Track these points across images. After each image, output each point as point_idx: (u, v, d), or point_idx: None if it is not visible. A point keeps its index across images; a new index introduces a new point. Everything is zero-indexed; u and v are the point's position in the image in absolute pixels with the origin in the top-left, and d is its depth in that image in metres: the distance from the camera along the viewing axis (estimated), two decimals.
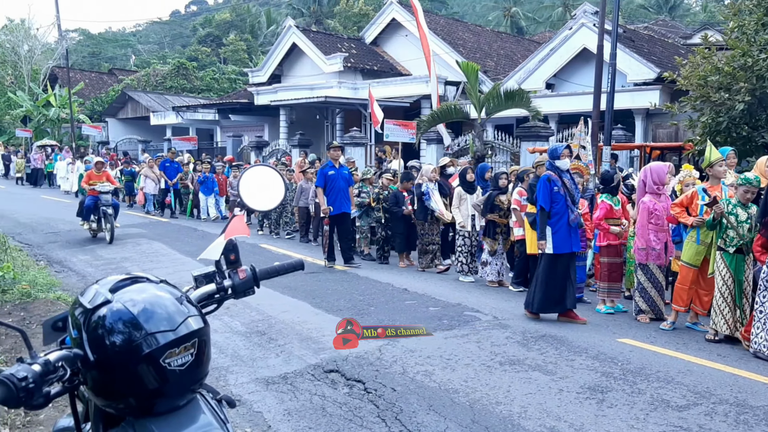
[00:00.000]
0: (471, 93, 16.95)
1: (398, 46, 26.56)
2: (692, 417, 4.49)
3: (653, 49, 21.05)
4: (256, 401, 4.96)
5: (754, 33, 10.82)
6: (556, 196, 7.22)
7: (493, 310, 7.77)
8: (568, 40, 20.40)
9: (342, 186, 10.90)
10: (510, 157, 18.41)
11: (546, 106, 18.27)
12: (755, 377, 5.37)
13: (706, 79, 11.30)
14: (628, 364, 5.68)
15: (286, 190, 2.42)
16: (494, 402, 4.82)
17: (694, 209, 6.96)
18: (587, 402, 4.79)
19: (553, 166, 7.41)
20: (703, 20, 37.78)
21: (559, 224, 7.20)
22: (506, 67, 25.14)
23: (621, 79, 18.31)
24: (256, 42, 53.56)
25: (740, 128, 10.80)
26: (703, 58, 11.78)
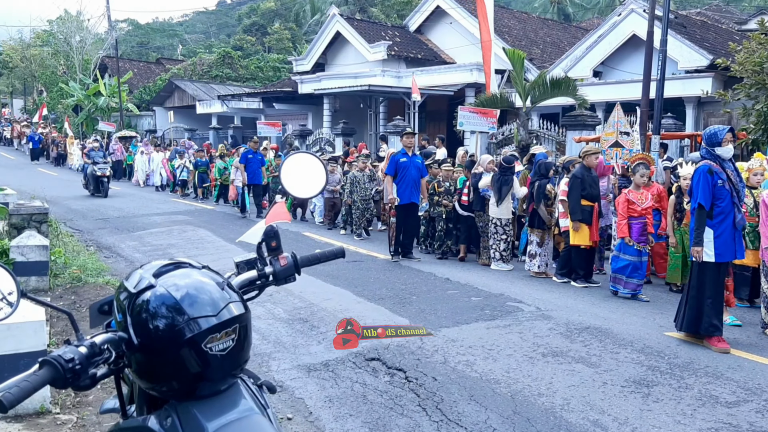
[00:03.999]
0: (516, 81, 16.74)
1: (442, 34, 26.34)
2: (742, 414, 4.37)
3: (706, 35, 20.44)
4: (298, 387, 5.00)
5: None
6: (720, 191, 5.86)
7: (536, 301, 7.68)
8: (616, 27, 19.95)
9: (414, 175, 10.32)
10: (555, 146, 18.13)
11: (593, 95, 17.92)
12: None
13: (762, 65, 10.98)
14: (675, 359, 5.56)
15: (327, 177, 2.41)
16: (536, 393, 4.77)
17: None
18: (632, 396, 4.70)
19: (712, 154, 5.97)
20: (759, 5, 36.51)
21: (723, 226, 5.87)
22: (552, 55, 24.72)
23: (671, 66, 17.84)
24: (300, 31, 53.76)
25: None
26: (759, 44, 11.44)
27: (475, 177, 10.43)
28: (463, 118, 14.12)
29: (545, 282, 8.97)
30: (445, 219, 10.76)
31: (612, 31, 20.07)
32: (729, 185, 5.88)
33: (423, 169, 10.54)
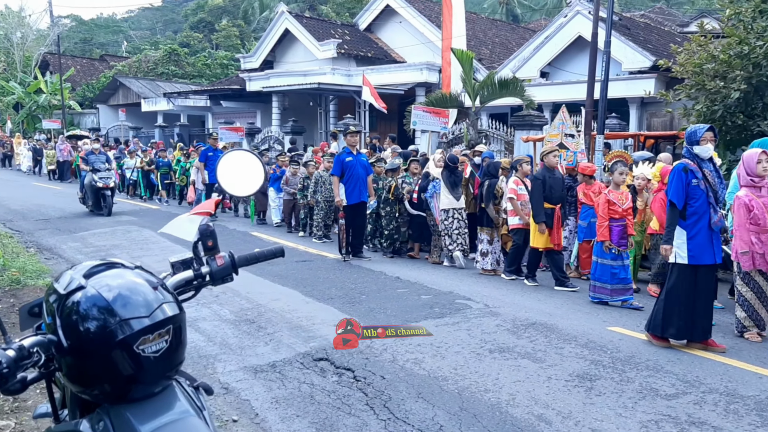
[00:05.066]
0: (465, 81, 16.89)
1: (392, 33, 26.42)
2: (681, 406, 4.49)
3: (649, 37, 20.98)
4: (244, 389, 4.94)
5: (752, 20, 10.73)
6: (695, 191, 5.75)
7: (484, 299, 7.75)
8: (563, 28, 20.32)
9: (361, 174, 10.24)
10: (504, 146, 18.36)
11: (540, 95, 18.23)
12: (745, 366, 5.37)
13: (701, 67, 11.24)
14: (617, 353, 5.68)
15: (265, 175, 2.38)
16: (483, 389, 4.81)
17: None
18: (576, 390, 4.78)
19: (691, 153, 5.87)
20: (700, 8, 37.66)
21: (697, 227, 5.73)
22: (501, 55, 25.05)
23: (616, 67, 18.27)
24: (248, 28, 53.21)
25: (735, 117, 10.73)
26: (699, 46, 11.71)
27: (424, 177, 10.50)
28: (416, 118, 14.15)
29: (494, 279, 9.07)
30: (397, 217, 10.78)
31: (558, 33, 20.44)
32: (705, 185, 5.74)
33: (368, 167, 10.53)
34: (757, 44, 10.22)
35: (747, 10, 10.85)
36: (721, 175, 6.00)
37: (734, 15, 11.18)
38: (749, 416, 4.31)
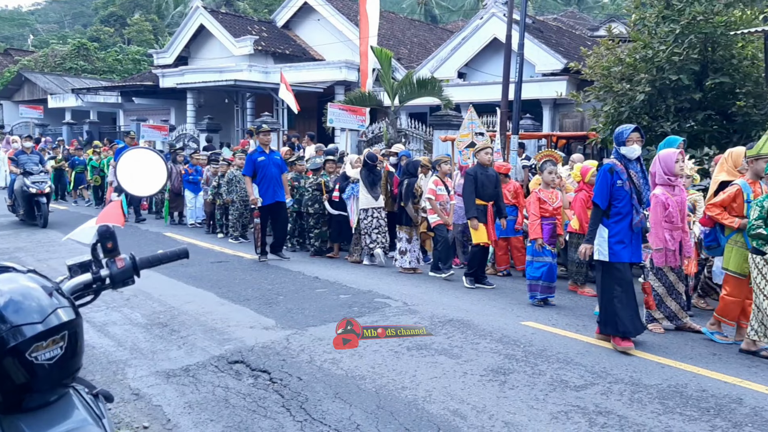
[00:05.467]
0: (384, 80, 16.98)
1: (311, 31, 26.27)
2: (589, 396, 4.64)
3: (561, 40, 21.66)
4: (156, 395, 4.78)
5: (655, 26, 11.23)
6: (619, 192, 5.80)
7: (403, 296, 7.80)
8: (479, 30, 20.72)
9: (274, 173, 10.06)
10: (423, 145, 18.57)
11: (458, 95, 18.54)
12: (649, 357, 5.60)
13: (609, 69, 11.67)
14: (530, 346, 5.82)
15: (168, 174, 2.30)
16: (400, 387, 4.83)
17: (737, 209, 6.04)
18: (490, 384, 4.87)
19: (618, 154, 5.93)
20: (609, 13, 39.16)
21: (619, 226, 5.80)
22: (420, 55, 25.31)
23: (530, 69, 18.76)
24: (162, 23, 51.69)
25: (641, 118, 11.19)
26: (607, 50, 12.17)
27: (342, 178, 10.48)
28: (332, 116, 14.10)
29: (413, 278, 9.14)
30: (316, 216, 10.71)
31: (475, 34, 20.83)
32: (630, 186, 5.79)
33: (283, 166, 10.38)
34: (660, 48, 10.71)
35: (651, 16, 11.35)
36: (647, 176, 6.06)
37: (639, 20, 11.68)
38: (652, 404, 4.50)
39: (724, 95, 10.70)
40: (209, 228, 13.16)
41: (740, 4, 10.93)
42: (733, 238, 6.00)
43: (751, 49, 10.65)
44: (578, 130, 16.74)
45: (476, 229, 8.36)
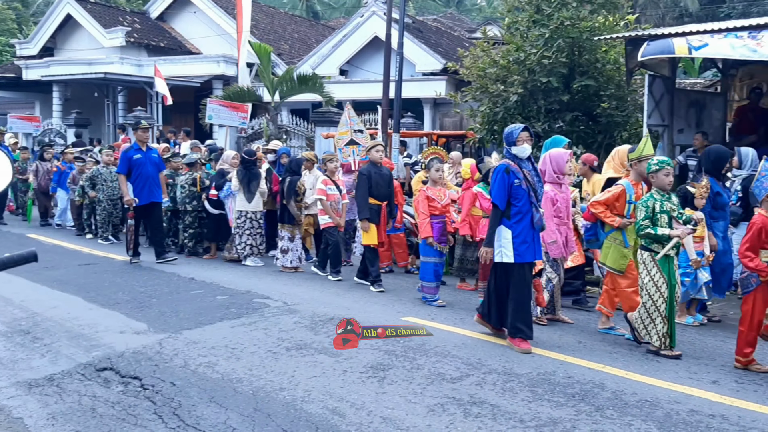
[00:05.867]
0: (264, 76, 16.72)
1: (187, 23, 25.41)
2: (464, 387, 4.75)
3: (440, 41, 22.15)
4: (16, 406, 4.45)
5: (527, 29, 11.68)
6: (518, 191, 5.75)
7: (283, 296, 7.69)
8: (360, 28, 20.83)
9: (151, 172, 9.60)
10: (305, 142, 18.44)
11: (340, 92, 18.52)
12: None
13: (485, 71, 12.03)
14: (409, 342, 5.89)
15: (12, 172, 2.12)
16: (278, 388, 4.75)
17: (619, 208, 6.23)
18: (369, 381, 4.88)
19: (510, 154, 5.89)
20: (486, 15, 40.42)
21: (521, 226, 5.75)
22: (301, 51, 25.11)
23: (411, 68, 19.08)
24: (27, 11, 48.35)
25: (515, 118, 11.58)
26: (483, 51, 12.54)
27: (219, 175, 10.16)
28: (212, 112, 13.63)
29: (294, 277, 9.04)
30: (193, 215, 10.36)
31: (356, 32, 20.92)
32: (526, 185, 5.77)
33: (160, 164, 9.99)
34: (532, 51, 11.16)
35: (522, 20, 11.81)
36: (540, 175, 6.08)
37: (512, 24, 12.13)
38: (523, 392, 4.67)
39: (590, 97, 11.30)
40: (78, 229, 12.42)
41: (604, 11, 11.59)
42: (612, 235, 6.23)
43: (613, 54, 11.32)
44: (457, 129, 17.17)
45: (367, 230, 8.18)
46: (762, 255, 5.11)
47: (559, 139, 7.13)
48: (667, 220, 5.57)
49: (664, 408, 4.39)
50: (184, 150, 13.47)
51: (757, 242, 5.11)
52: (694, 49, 8.28)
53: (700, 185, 6.55)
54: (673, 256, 5.59)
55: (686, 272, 6.51)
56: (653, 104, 9.67)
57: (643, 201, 5.67)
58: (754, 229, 5.14)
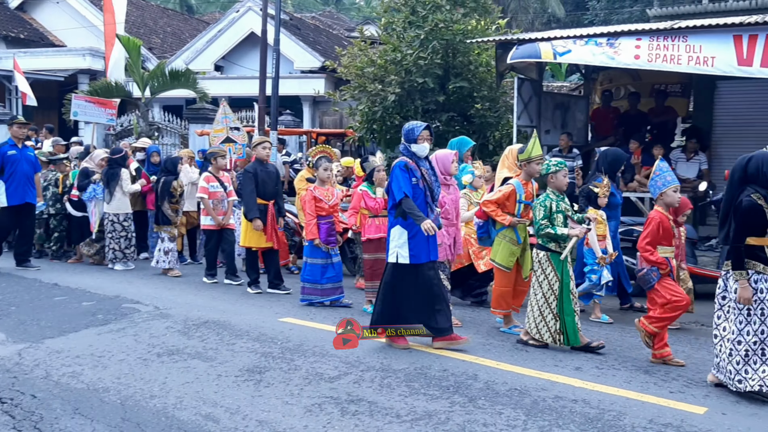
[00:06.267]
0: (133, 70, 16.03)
1: (49, 14, 23.87)
2: (342, 386, 4.76)
3: (318, 39, 22.10)
4: None
5: (403, 30, 11.88)
6: (414, 190, 5.65)
7: (154, 300, 7.41)
8: (235, 23, 20.42)
9: (27, 171, 8.97)
10: (179, 139, 17.84)
11: (215, 89, 18.08)
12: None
13: (362, 70, 12.13)
14: (287, 342, 5.83)
15: None
16: (148, 396, 4.55)
17: (510, 207, 6.29)
18: (245, 384, 4.78)
19: (409, 151, 5.78)
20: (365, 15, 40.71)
21: (417, 226, 5.57)
22: (174, 46, 24.26)
23: (289, 65, 18.93)
24: None
25: (393, 117, 11.77)
26: (360, 51, 12.64)
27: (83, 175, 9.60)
28: (77, 108, 12.84)
29: (166, 280, 8.73)
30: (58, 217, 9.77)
31: (231, 27, 20.49)
32: (423, 184, 5.68)
33: (36, 164, 9.35)
34: (408, 52, 11.36)
35: (399, 21, 12.00)
36: (437, 174, 6.00)
37: (389, 24, 12.30)
38: (400, 388, 4.73)
39: (464, 98, 11.66)
40: None
41: (476, 15, 11.99)
42: (503, 233, 6.31)
43: (485, 57, 11.73)
44: (338, 127, 17.19)
45: (259, 229, 7.86)
46: (659, 251, 5.38)
47: (466, 140, 7.22)
48: (562, 219, 5.74)
49: (532, 395, 4.59)
50: (46, 148, 12.64)
51: (657, 237, 5.37)
52: (559, 55, 8.72)
53: (602, 185, 6.81)
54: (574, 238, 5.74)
55: (593, 269, 6.75)
56: (522, 106, 10.09)
57: (541, 201, 5.79)
58: (653, 224, 5.38)
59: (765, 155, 4.60)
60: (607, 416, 4.21)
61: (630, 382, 4.91)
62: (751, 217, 4.45)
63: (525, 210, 6.29)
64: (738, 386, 4.51)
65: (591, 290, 6.87)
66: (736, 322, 4.53)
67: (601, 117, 11.82)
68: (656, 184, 5.48)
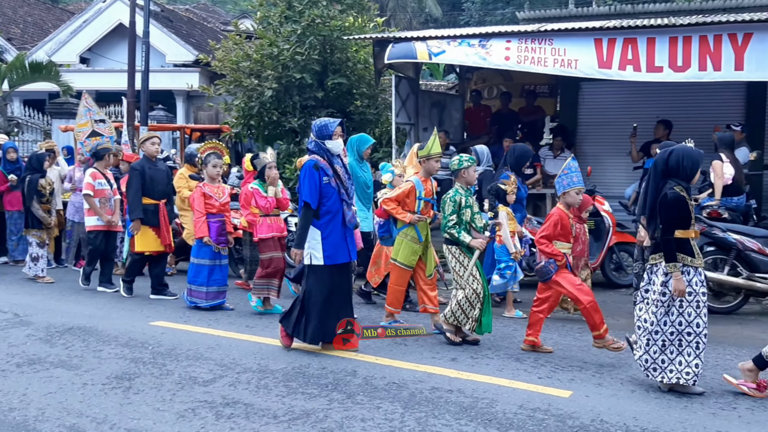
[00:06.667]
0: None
1: None
2: (217, 390, 4.61)
3: (192, 32, 21.41)
4: None
5: (279, 25, 11.70)
6: (327, 189, 5.43)
7: (14, 307, 6.92)
8: (102, 13, 19.44)
9: None
10: (42, 135, 16.74)
11: (81, 82, 17.07)
12: (275, 342, 5.78)
13: (238, 64, 11.87)
14: (159, 347, 5.59)
15: None
16: (7, 409, 4.22)
17: (410, 205, 6.20)
18: (113, 392, 4.53)
19: (321, 148, 5.54)
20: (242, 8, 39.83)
21: (331, 226, 5.42)
22: (35, 37, 22.73)
23: (161, 58, 18.22)
24: None
25: (270, 113, 11.61)
26: (235, 44, 12.36)
27: None
28: None
29: (27, 285, 8.20)
30: None
31: (98, 17, 19.49)
32: (336, 182, 5.47)
33: None
34: (285, 47, 11.21)
35: (275, 15, 11.82)
36: (349, 171, 5.78)
37: (264, 18, 12.09)
38: (277, 388, 4.65)
39: (343, 95, 11.67)
40: None
41: (353, 12, 12.02)
42: (404, 231, 6.20)
43: (363, 54, 11.79)
44: (213, 123, 16.75)
45: (137, 232, 7.48)
46: (557, 246, 5.49)
47: (366, 138, 7.21)
48: (470, 214, 5.75)
49: (410, 388, 4.65)
50: None
51: (553, 233, 5.49)
52: (434, 55, 8.90)
53: (510, 182, 6.91)
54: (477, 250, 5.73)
55: (508, 265, 6.84)
56: (400, 104, 10.23)
57: (452, 197, 5.75)
58: (552, 220, 5.52)
59: (685, 149, 4.69)
60: (480, 404, 4.33)
61: (502, 370, 5.08)
62: (678, 210, 4.53)
63: (425, 207, 6.27)
64: (653, 374, 4.62)
65: (505, 287, 6.96)
66: (657, 314, 4.62)
67: (474, 116, 12.21)
68: (562, 182, 5.58)
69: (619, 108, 10.58)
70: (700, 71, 7.69)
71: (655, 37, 7.83)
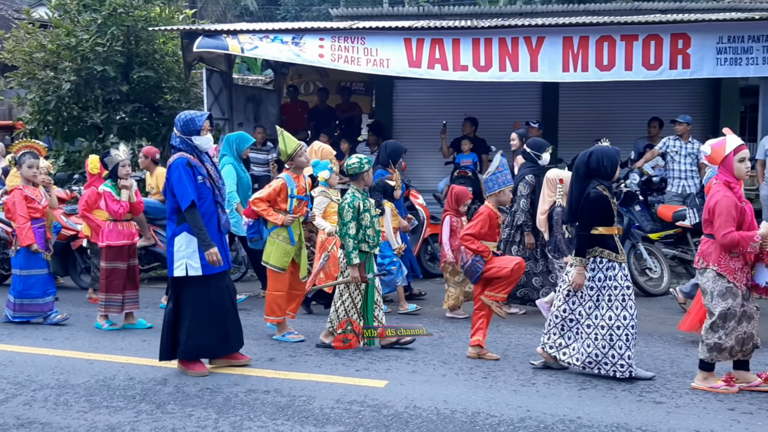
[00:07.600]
0: None
1: None
2: (9, 410, 4.18)
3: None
4: None
5: (78, 13, 10.91)
6: (202, 189, 4.88)
7: None
8: None
9: None
10: None
11: None
12: (77, 355, 5.37)
13: (31, 55, 10.96)
14: None
15: None
16: None
17: (281, 203, 5.78)
18: None
19: (189, 145, 4.95)
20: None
21: (207, 230, 4.87)
22: None
23: None
24: None
25: (70, 108, 10.86)
26: (28, 34, 11.38)
27: None
28: None
29: None
30: None
31: None
32: (210, 182, 4.95)
33: None
34: (84, 37, 10.46)
35: (72, 3, 10.99)
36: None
37: (60, 5, 11.21)
38: (79, 404, 4.30)
39: (151, 89, 11.11)
40: None
41: (159, 2, 11.47)
42: (276, 232, 5.81)
43: (172, 46, 11.29)
44: (6, 118, 15.24)
45: None
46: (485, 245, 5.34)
47: (245, 137, 6.93)
48: (369, 218, 5.42)
49: (224, 392, 4.50)
50: None
51: (481, 231, 5.32)
52: (247, 50, 8.71)
53: (395, 177, 6.86)
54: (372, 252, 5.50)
55: (393, 261, 6.72)
56: (213, 98, 9.92)
57: (350, 203, 5.36)
58: (481, 218, 5.36)
59: (603, 150, 4.82)
60: (297, 402, 4.29)
61: (320, 366, 5.08)
62: (599, 208, 4.68)
63: (298, 205, 5.92)
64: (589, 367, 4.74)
65: (394, 283, 6.87)
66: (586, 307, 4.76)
67: (291, 111, 12.17)
68: (497, 180, 5.42)
69: (431, 106, 11.01)
70: (500, 71, 8.21)
71: (459, 38, 8.23)
